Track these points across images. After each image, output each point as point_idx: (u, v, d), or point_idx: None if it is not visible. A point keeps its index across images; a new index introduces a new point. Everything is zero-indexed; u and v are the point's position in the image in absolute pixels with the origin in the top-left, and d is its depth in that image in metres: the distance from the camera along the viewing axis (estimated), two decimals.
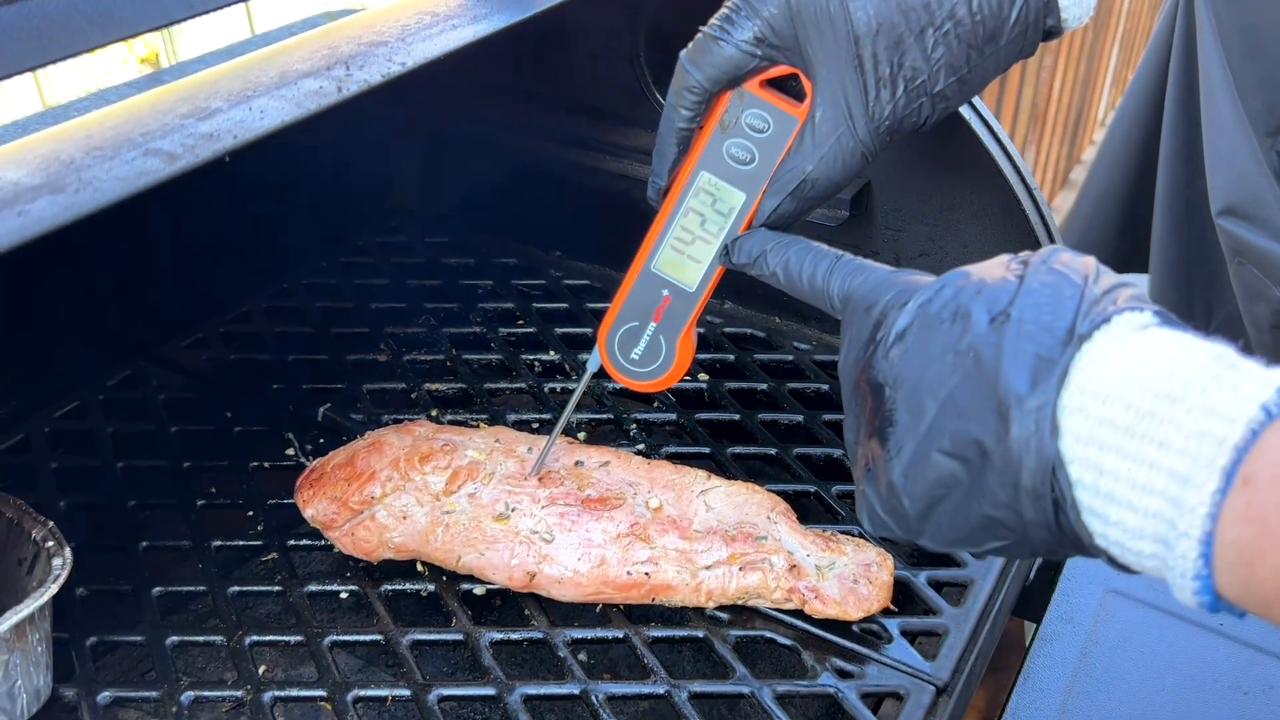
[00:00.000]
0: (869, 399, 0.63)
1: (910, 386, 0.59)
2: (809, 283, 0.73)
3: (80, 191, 0.60)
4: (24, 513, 0.84)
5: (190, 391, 1.15)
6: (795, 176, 0.77)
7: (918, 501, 0.59)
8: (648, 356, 0.85)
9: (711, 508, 0.90)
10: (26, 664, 0.78)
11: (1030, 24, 0.73)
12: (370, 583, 0.92)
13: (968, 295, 0.58)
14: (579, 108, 1.32)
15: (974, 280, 0.59)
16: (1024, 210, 1.05)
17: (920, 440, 0.58)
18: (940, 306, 0.59)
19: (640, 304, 0.84)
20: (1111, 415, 0.51)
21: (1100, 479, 0.52)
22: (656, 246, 0.83)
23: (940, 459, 0.57)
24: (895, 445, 0.59)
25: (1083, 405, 0.52)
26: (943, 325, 0.58)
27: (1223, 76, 1.74)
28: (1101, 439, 0.51)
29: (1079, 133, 3.84)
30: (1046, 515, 0.54)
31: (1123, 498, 0.51)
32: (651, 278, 0.83)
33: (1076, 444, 0.52)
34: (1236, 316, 1.83)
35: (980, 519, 0.57)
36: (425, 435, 0.94)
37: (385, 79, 0.76)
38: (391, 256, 1.39)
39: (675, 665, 0.91)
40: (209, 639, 0.88)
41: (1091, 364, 0.53)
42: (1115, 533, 0.52)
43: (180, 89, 0.74)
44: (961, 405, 0.56)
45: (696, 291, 0.83)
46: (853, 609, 0.85)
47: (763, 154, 0.78)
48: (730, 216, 0.80)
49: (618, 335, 0.85)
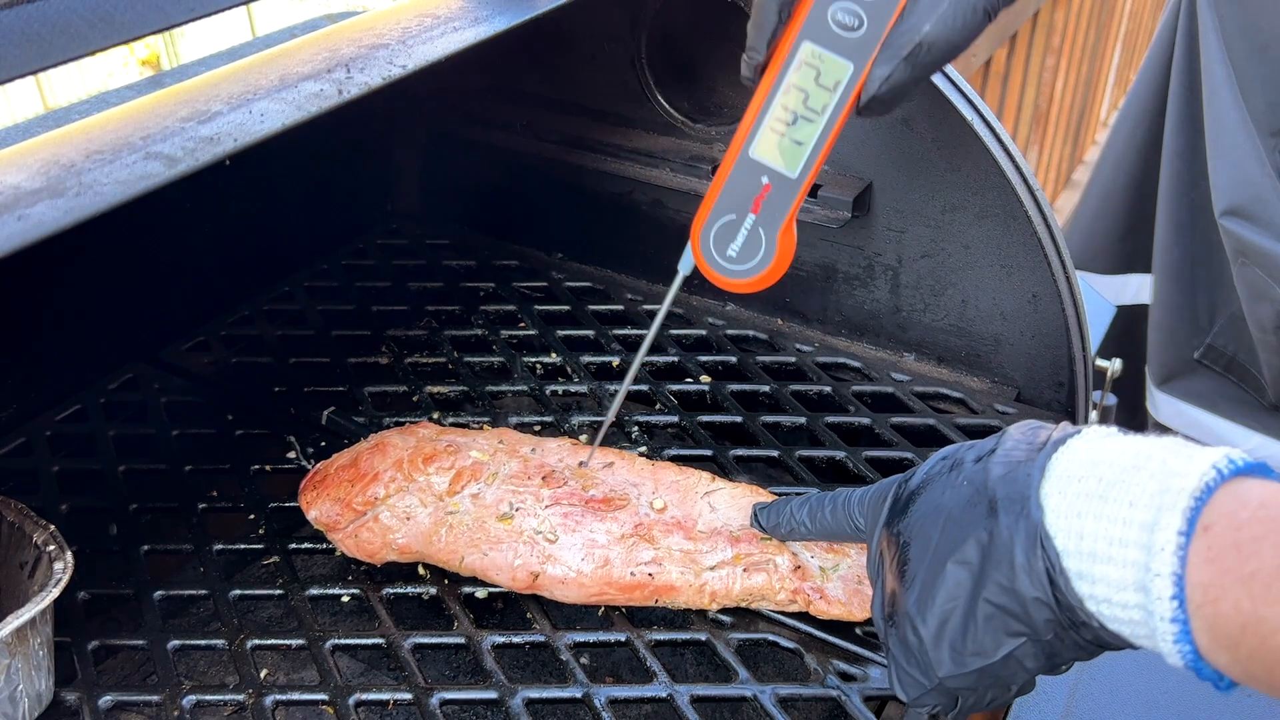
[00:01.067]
0: (890, 554, 0.70)
1: (920, 527, 0.67)
2: (832, 515, 0.79)
3: (81, 195, 0.60)
4: (26, 517, 0.84)
5: (191, 394, 1.15)
6: (910, 40, 0.71)
7: (931, 621, 0.64)
8: (747, 252, 0.79)
9: (716, 509, 0.89)
10: (28, 668, 0.78)
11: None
12: (372, 586, 0.92)
13: (961, 451, 0.69)
14: (580, 109, 1.32)
15: (965, 444, 0.70)
16: (1026, 212, 1.04)
17: (928, 564, 0.65)
18: (940, 466, 0.69)
19: (737, 194, 0.78)
20: (1086, 489, 0.59)
21: (1082, 542, 0.58)
22: (755, 130, 0.76)
23: (950, 569, 0.63)
24: (910, 577, 0.66)
25: (1061, 488, 0.60)
26: (942, 476, 0.68)
27: (1225, 77, 1.73)
28: (1079, 509, 0.59)
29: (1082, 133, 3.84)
30: (1044, 588, 0.60)
31: (1103, 554, 0.57)
32: (749, 165, 0.77)
33: (1059, 519, 0.59)
34: (1240, 317, 1.82)
35: (986, 611, 0.62)
36: (429, 436, 0.94)
37: (386, 81, 0.76)
38: (393, 258, 1.39)
39: (678, 668, 0.91)
40: (211, 642, 0.87)
41: (1065, 457, 0.61)
42: (1102, 589, 0.57)
43: (181, 92, 0.74)
44: (960, 520, 0.64)
45: (799, 178, 0.76)
46: (857, 610, 0.85)
47: (872, 17, 0.71)
48: (837, 91, 0.73)
49: (713, 230, 0.79)
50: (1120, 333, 1.99)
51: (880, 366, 1.18)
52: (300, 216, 1.35)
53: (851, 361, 1.19)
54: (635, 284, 1.33)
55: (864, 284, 1.21)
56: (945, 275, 1.15)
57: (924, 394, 1.14)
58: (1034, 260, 1.08)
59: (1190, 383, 1.97)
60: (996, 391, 1.15)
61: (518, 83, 1.35)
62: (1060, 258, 1.06)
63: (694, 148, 1.26)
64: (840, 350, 1.21)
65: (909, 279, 1.17)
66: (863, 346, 1.23)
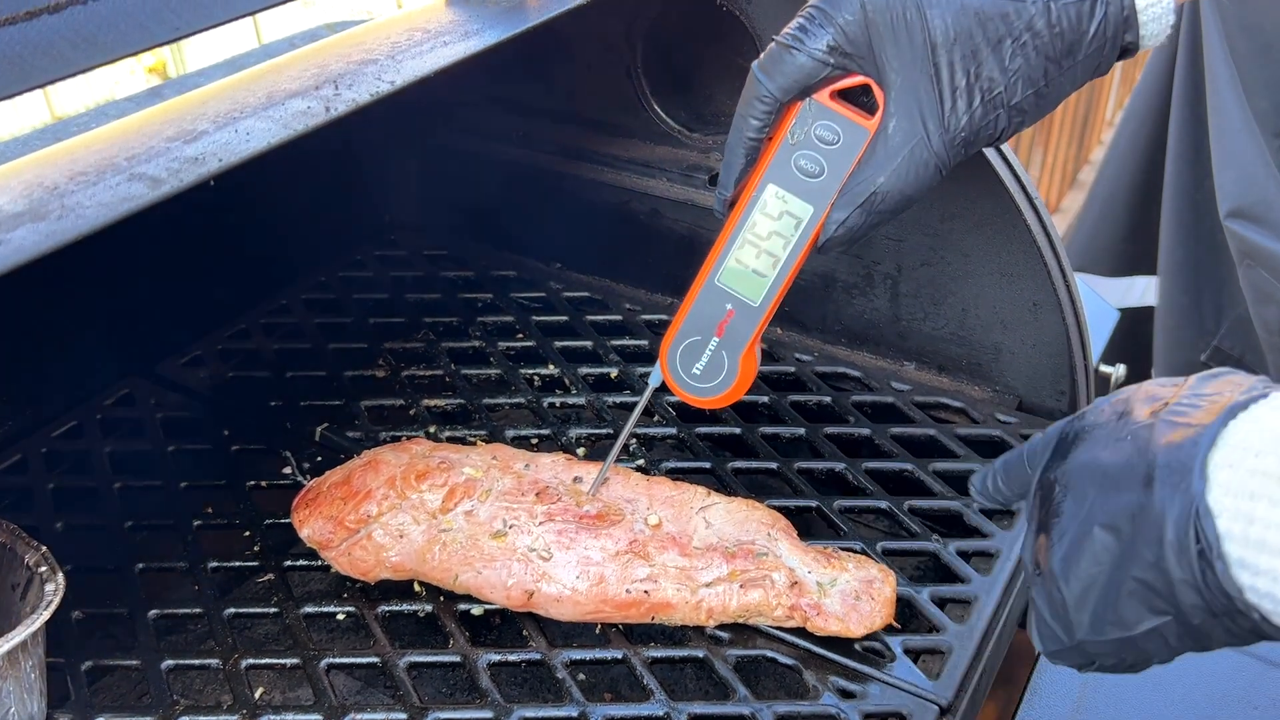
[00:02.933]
0: (1042, 503, 0.65)
1: (1076, 477, 0.63)
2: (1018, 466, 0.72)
3: (63, 218, 0.59)
4: (17, 537, 0.83)
5: (187, 410, 1.14)
6: (865, 189, 0.76)
7: (1074, 585, 0.61)
8: (710, 372, 0.85)
9: (711, 524, 0.89)
10: (20, 691, 0.77)
11: (1109, 39, 0.72)
12: (367, 603, 0.91)
13: (1134, 398, 0.63)
14: (576, 119, 1.31)
15: (1143, 389, 0.64)
16: (1024, 220, 1.04)
17: (1081, 522, 0.61)
18: (1110, 410, 0.64)
19: (703, 318, 0.84)
20: (1264, 466, 0.53)
21: (1250, 528, 0.53)
22: (721, 259, 0.82)
23: (1098, 533, 0.59)
24: (1059, 533, 0.62)
25: (1233, 460, 0.54)
26: (1108, 424, 0.62)
27: (1229, 77, 1.72)
28: (1252, 489, 0.53)
29: (1087, 133, 3.82)
30: (1193, 571, 0.55)
31: (1274, 544, 0.52)
32: (715, 291, 0.83)
33: (1225, 496, 0.54)
34: (1246, 319, 1.81)
35: (1130, 586, 0.58)
36: (422, 453, 0.93)
37: (374, 98, 0.75)
38: (390, 270, 1.38)
39: (676, 685, 0.90)
40: (205, 662, 0.87)
41: (1245, 426, 0.55)
42: (1266, 583, 0.53)
43: (169, 110, 0.74)
44: (1117, 481, 0.59)
45: (760, 307, 0.82)
46: (855, 626, 0.84)
47: (832, 166, 0.77)
48: (798, 230, 0.79)
49: (679, 350, 0.85)
50: (1126, 336, 1.98)
51: (880, 376, 1.17)
52: (297, 229, 1.34)
53: (851, 371, 1.18)
54: (633, 293, 1.32)
55: (863, 293, 1.20)
56: (945, 283, 1.14)
57: (924, 403, 1.13)
58: (1033, 268, 1.07)
59: None
60: (998, 400, 1.14)
61: (514, 93, 1.35)
62: (1060, 265, 1.05)
63: (691, 157, 1.25)
64: (840, 359, 1.20)
65: (908, 287, 1.16)
66: (862, 355, 1.22)
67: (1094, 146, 4.00)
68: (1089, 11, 0.71)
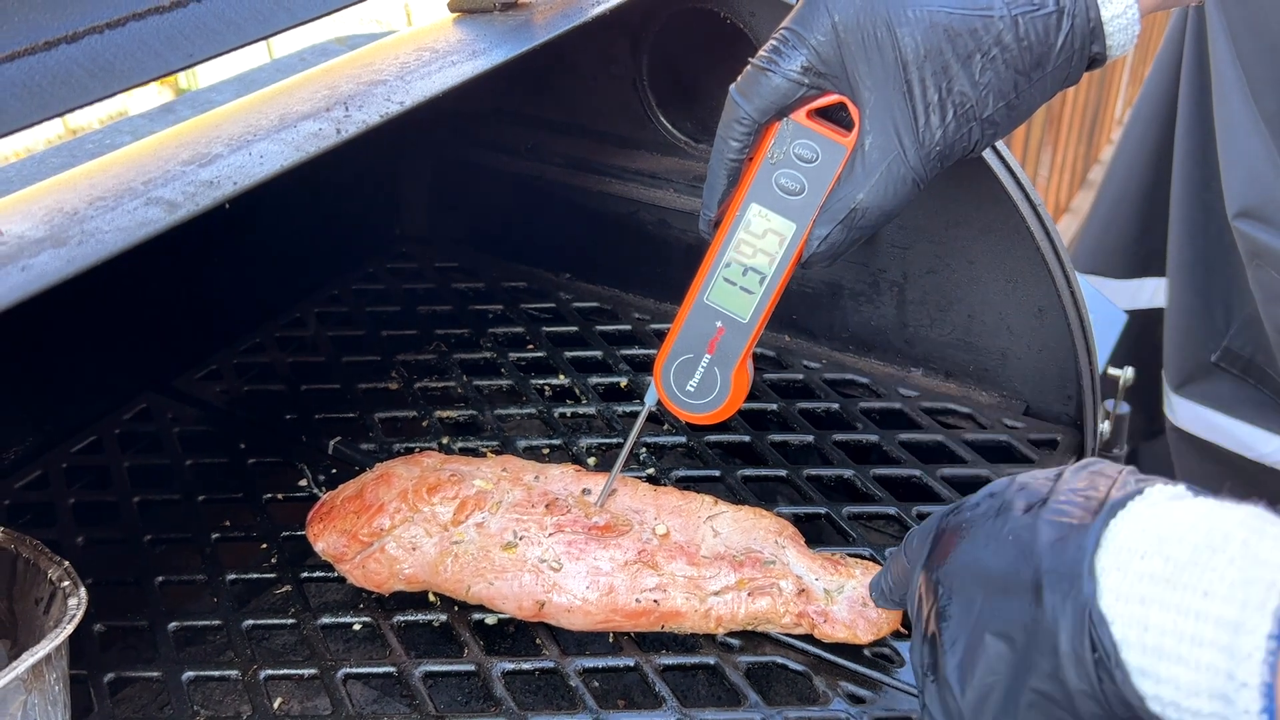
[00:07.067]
0: (928, 600, 0.65)
1: (960, 580, 0.62)
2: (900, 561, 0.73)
3: (83, 244, 0.61)
4: (40, 553, 0.85)
5: (204, 424, 1.16)
6: (845, 205, 0.78)
7: (970, 695, 0.59)
8: (703, 389, 0.87)
9: (719, 533, 0.90)
10: (44, 703, 0.79)
11: (1076, 50, 0.74)
12: (383, 614, 0.93)
13: (1010, 493, 0.62)
14: (584, 131, 1.32)
15: (1017, 483, 0.63)
16: (1028, 226, 1.04)
17: (971, 629, 0.60)
18: (987, 507, 0.63)
19: (694, 336, 0.85)
20: (1150, 569, 0.52)
21: (1146, 635, 0.51)
22: (709, 279, 0.84)
23: (990, 641, 0.58)
24: (950, 638, 0.61)
25: (1120, 564, 0.53)
26: (988, 521, 0.62)
27: (1236, 77, 1.72)
28: (1142, 593, 0.52)
29: (1096, 132, 3.81)
30: (1090, 680, 0.54)
31: (1172, 652, 0.51)
32: (705, 310, 0.85)
33: (1117, 601, 0.53)
34: (1257, 319, 1.81)
35: (1029, 698, 0.56)
36: (433, 466, 0.94)
37: (384, 119, 0.77)
38: (402, 283, 1.40)
39: (688, 692, 0.91)
40: (224, 673, 0.88)
41: (1126, 526, 0.54)
42: (1169, 691, 0.51)
43: (183, 132, 0.76)
44: (1005, 585, 0.58)
45: (750, 323, 0.84)
46: (862, 632, 0.85)
47: (812, 184, 0.79)
48: (782, 247, 0.81)
49: (673, 368, 0.87)
50: (1136, 337, 1.97)
51: (888, 382, 1.18)
52: (310, 243, 1.36)
53: (859, 378, 1.19)
54: (642, 303, 1.33)
55: (870, 300, 1.21)
56: (950, 290, 1.15)
57: (932, 409, 1.13)
58: (1038, 274, 1.07)
59: (1208, 386, 1.95)
60: (1005, 405, 1.15)
61: (522, 106, 1.36)
62: (1064, 270, 1.06)
63: (697, 168, 1.26)
64: (848, 366, 1.21)
65: (914, 294, 1.17)
66: (870, 362, 1.22)
67: (1104, 145, 3.99)
68: (1056, 24, 0.72)
